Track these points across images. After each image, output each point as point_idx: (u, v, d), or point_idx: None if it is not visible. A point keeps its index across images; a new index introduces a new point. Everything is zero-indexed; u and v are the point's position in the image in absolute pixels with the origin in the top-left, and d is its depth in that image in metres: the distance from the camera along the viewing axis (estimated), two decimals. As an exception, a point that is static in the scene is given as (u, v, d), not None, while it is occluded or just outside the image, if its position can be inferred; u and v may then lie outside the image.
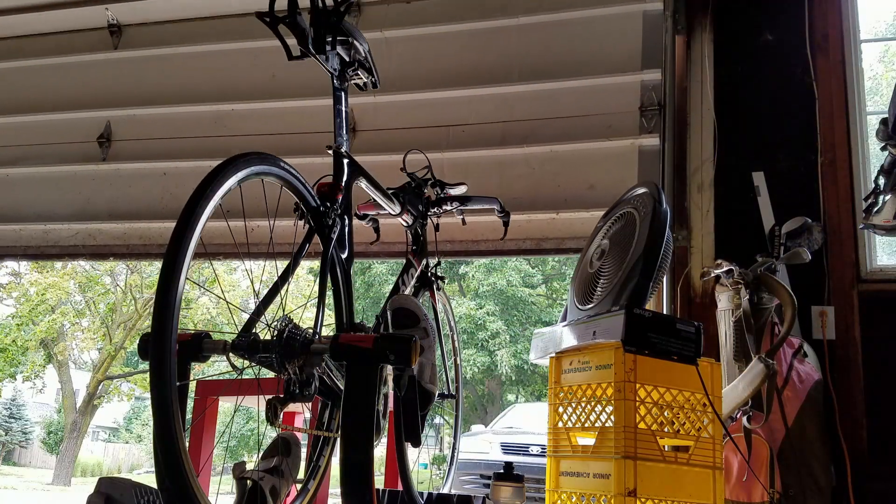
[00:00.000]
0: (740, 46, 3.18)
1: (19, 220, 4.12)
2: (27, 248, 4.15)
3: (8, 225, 4.14)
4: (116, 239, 3.99)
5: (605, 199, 3.24)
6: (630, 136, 3.28)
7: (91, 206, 4.03)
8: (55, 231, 4.09)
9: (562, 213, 3.36)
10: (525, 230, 3.41)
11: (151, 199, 3.93)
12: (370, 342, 1.34)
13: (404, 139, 3.60)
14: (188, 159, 3.88)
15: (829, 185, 2.92)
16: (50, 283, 14.01)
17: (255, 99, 3.84)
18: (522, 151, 3.45)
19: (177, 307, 1.10)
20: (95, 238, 4.04)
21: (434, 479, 3.08)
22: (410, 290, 2.19)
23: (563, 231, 3.38)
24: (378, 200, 2.04)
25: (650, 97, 3.28)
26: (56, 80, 4.25)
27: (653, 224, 2.09)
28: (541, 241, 3.41)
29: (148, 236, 3.94)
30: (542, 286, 16.54)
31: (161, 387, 1.06)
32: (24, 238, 4.15)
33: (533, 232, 3.42)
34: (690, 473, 1.94)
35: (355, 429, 1.35)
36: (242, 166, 1.29)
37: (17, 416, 22.78)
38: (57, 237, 4.09)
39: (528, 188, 3.42)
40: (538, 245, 3.42)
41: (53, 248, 4.10)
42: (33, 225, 4.10)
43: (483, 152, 3.50)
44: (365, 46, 1.77)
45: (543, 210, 3.37)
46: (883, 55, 8.45)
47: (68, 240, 4.07)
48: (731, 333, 2.54)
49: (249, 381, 1.68)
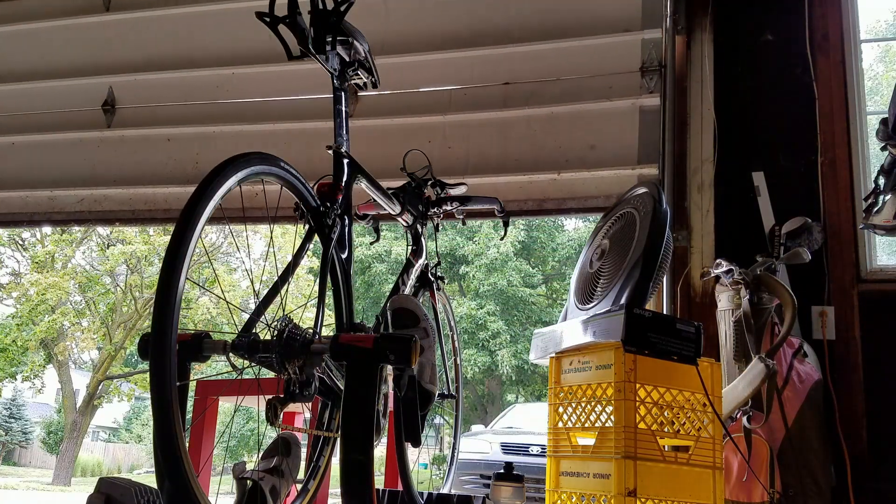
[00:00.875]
0: (740, 46, 3.18)
1: (25, 187, 4.15)
2: (34, 215, 4.19)
3: (14, 192, 4.17)
4: (122, 204, 4.02)
5: (606, 159, 3.34)
6: (631, 96, 3.30)
7: (96, 173, 4.06)
8: (61, 197, 4.13)
9: (563, 174, 3.38)
10: (527, 191, 3.45)
11: (156, 165, 3.97)
12: (370, 342, 1.34)
13: (406, 102, 3.62)
14: (192, 125, 3.92)
15: (829, 185, 2.92)
16: (50, 283, 14.00)
17: (257, 63, 3.85)
18: (524, 113, 3.47)
19: (177, 307, 1.10)
20: (101, 204, 4.08)
21: (434, 479, 3.08)
22: (410, 290, 2.19)
23: (565, 191, 3.41)
24: (378, 200, 2.04)
25: (650, 57, 3.29)
26: (58, 45, 4.25)
27: (653, 224, 2.09)
28: (542, 202, 3.44)
29: (153, 201, 3.97)
30: (542, 286, 16.54)
31: (161, 387, 1.06)
32: (31, 205, 4.18)
33: (534, 193, 3.45)
34: (690, 473, 1.94)
35: (355, 429, 1.35)
36: (242, 166, 1.29)
37: (17, 416, 22.78)
38: (63, 203, 4.13)
39: (529, 149, 3.45)
40: (540, 206, 3.45)
41: (59, 214, 4.14)
42: (39, 192, 4.13)
43: (485, 115, 3.52)
44: (365, 46, 1.77)
45: (545, 171, 3.39)
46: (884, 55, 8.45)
47: (74, 206, 4.11)
48: (731, 333, 2.54)
49: (249, 381, 1.68)
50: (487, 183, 3.44)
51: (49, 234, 15.96)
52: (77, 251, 15.91)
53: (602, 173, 3.32)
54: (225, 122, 3.88)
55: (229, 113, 3.90)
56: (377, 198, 2.00)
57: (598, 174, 3.33)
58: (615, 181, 3.30)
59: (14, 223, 4.33)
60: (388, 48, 3.61)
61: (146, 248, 14.10)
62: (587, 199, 3.38)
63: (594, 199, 3.37)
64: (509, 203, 3.37)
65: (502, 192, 3.33)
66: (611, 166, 3.30)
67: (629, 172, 3.26)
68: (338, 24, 1.60)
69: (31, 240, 16.28)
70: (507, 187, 3.47)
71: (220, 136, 3.90)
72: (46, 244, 15.55)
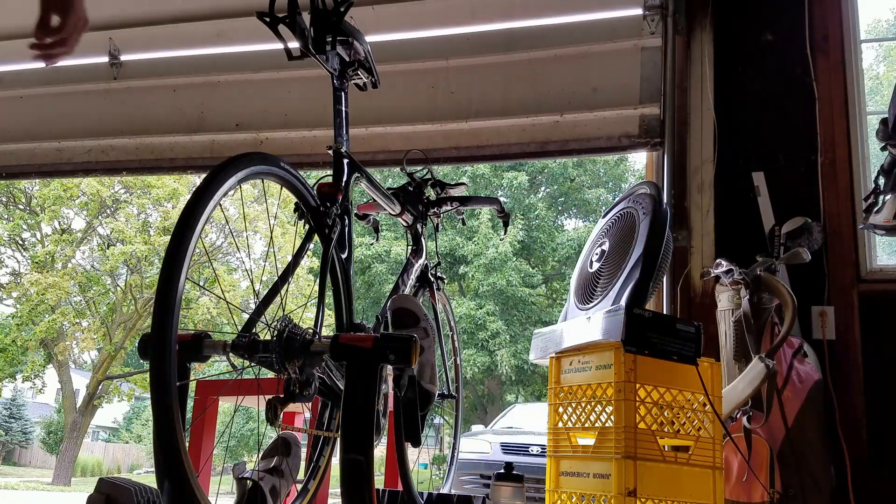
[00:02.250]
0: (740, 46, 3.18)
1: (33, 139, 4.17)
2: (42, 167, 4.23)
3: (22, 144, 4.20)
4: (129, 154, 4.07)
5: (608, 100, 3.36)
6: (633, 37, 3.32)
7: (103, 124, 4.10)
8: (69, 148, 4.16)
9: (566, 116, 3.40)
10: (530, 133, 3.47)
11: (161, 115, 4.00)
12: (370, 342, 1.34)
13: (407, 49, 3.64)
14: (196, 75, 3.97)
15: (829, 185, 2.92)
16: (50, 283, 14.01)
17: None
18: (527, 56, 3.48)
19: (177, 307, 1.10)
20: (108, 154, 4.13)
21: (434, 479, 3.08)
22: (410, 290, 2.19)
23: (567, 133, 3.44)
24: (378, 200, 2.04)
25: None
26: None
27: (653, 224, 2.09)
28: (545, 144, 3.46)
29: (159, 150, 4.02)
30: (542, 286, 16.54)
31: (161, 387, 1.06)
32: (38, 156, 4.22)
33: (537, 135, 3.47)
34: (690, 473, 1.94)
35: (355, 429, 1.35)
36: (243, 166, 1.29)
37: (17, 416, 22.79)
38: (71, 154, 4.17)
39: (532, 92, 3.47)
40: (542, 147, 3.48)
41: (67, 164, 4.18)
42: (47, 143, 4.16)
43: (488, 59, 3.54)
44: (365, 46, 1.77)
45: (547, 113, 3.42)
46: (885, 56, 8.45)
47: (82, 157, 4.15)
48: (731, 333, 2.54)
49: (249, 381, 1.68)
50: (490, 126, 3.47)
51: (49, 234, 15.97)
52: (77, 251, 15.91)
53: (604, 114, 3.35)
54: (228, 71, 3.93)
55: (232, 62, 3.94)
56: (377, 198, 2.00)
57: (600, 115, 3.36)
58: (617, 121, 3.33)
59: (23, 174, 4.36)
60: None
61: (146, 248, 14.10)
62: (589, 141, 3.41)
63: (596, 140, 3.41)
64: (511, 146, 3.43)
65: (505, 135, 3.36)
66: (613, 107, 3.32)
67: (631, 112, 3.29)
68: (338, 24, 1.60)
69: (32, 240, 16.29)
70: (509, 130, 3.50)
71: (225, 84, 3.95)
72: (46, 244, 15.55)
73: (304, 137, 3.83)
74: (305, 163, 3.80)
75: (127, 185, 15.02)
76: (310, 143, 3.79)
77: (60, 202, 15.04)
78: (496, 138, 3.49)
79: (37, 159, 4.22)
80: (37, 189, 15.50)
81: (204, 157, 3.96)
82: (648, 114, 3.26)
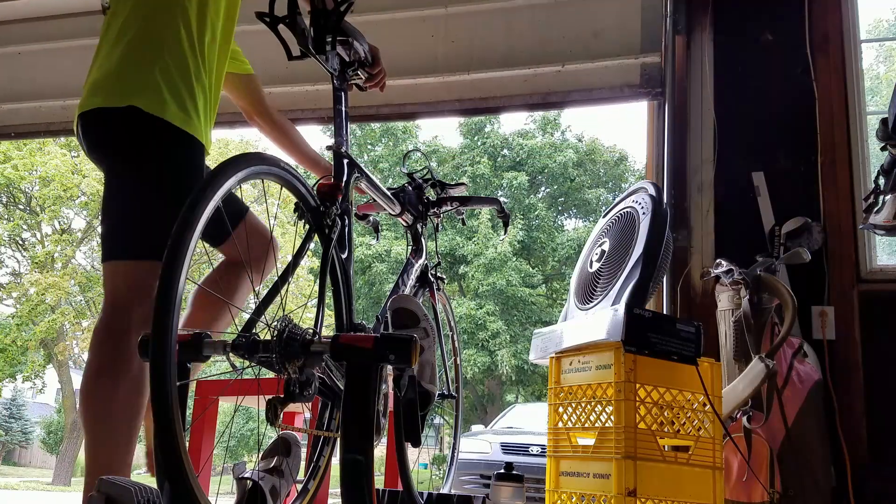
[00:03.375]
0: (740, 46, 3.18)
1: (38, 98, 4.15)
2: (50, 125, 4.20)
3: (26, 103, 4.17)
4: None
5: (610, 49, 3.37)
6: None
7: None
8: (74, 107, 4.12)
9: (567, 66, 3.41)
10: (531, 84, 3.48)
11: None
12: (370, 342, 1.34)
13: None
14: None
15: (829, 185, 2.92)
16: (50, 283, 14.01)
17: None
18: (528, 3, 3.49)
19: (177, 307, 1.10)
20: None
21: (434, 479, 3.08)
22: (410, 290, 2.19)
23: (569, 83, 3.44)
24: (378, 201, 2.03)
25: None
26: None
27: (653, 224, 2.09)
28: (547, 95, 3.47)
29: None
30: (542, 286, 16.55)
31: (161, 387, 1.06)
32: (44, 115, 4.19)
33: (539, 86, 3.48)
34: (690, 473, 1.94)
35: (355, 429, 1.35)
36: (243, 166, 1.28)
37: (17, 416, 22.80)
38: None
39: (533, 41, 3.46)
40: (545, 99, 3.49)
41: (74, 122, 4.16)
42: (51, 101, 4.12)
43: (487, 5, 3.53)
44: (365, 46, 1.77)
45: (549, 63, 3.42)
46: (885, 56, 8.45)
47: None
48: (731, 333, 2.54)
49: (249, 381, 1.68)
50: (493, 78, 3.46)
51: (49, 234, 15.97)
52: (77, 251, 15.92)
53: (606, 63, 3.36)
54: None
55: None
56: (377, 198, 2.00)
57: (601, 64, 3.37)
58: (619, 71, 3.35)
59: (32, 134, 4.34)
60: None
61: (146, 248, 14.07)
62: (592, 91, 3.42)
63: (598, 91, 3.41)
64: (514, 98, 3.43)
65: (507, 86, 3.36)
66: (614, 56, 3.33)
67: (632, 62, 3.31)
68: (337, 24, 1.60)
69: (32, 240, 16.29)
70: (511, 82, 3.50)
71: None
72: (46, 244, 15.55)
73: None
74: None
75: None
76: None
77: (60, 202, 15.05)
78: (499, 90, 3.49)
79: (42, 118, 4.18)
80: (37, 189, 15.50)
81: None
82: (650, 62, 3.28)
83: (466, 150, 17.85)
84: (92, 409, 1.56)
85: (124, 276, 1.62)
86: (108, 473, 1.41)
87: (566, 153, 17.52)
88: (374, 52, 1.79)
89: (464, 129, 18.14)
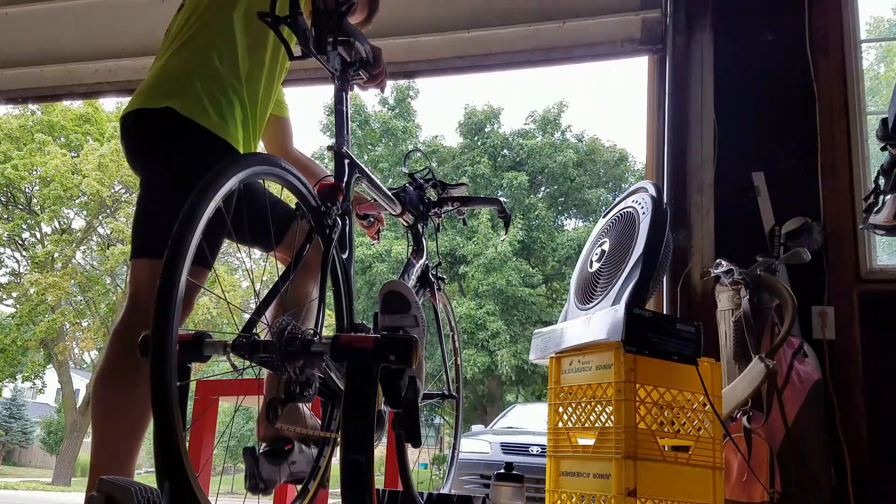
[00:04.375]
0: (740, 46, 3.18)
1: (40, 63, 4.18)
2: (56, 89, 4.24)
3: (27, 68, 4.20)
4: (138, 74, 4.04)
5: (610, 4, 3.38)
6: None
7: (109, 43, 4.08)
8: (77, 70, 4.17)
9: (568, 22, 3.43)
10: (533, 41, 3.51)
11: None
12: (370, 343, 1.34)
13: None
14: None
15: (829, 185, 2.92)
16: (50, 283, 14.01)
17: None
18: None
19: (177, 307, 1.10)
20: (117, 75, 4.13)
21: (434, 479, 3.07)
22: (410, 290, 2.18)
23: (571, 39, 3.48)
24: (379, 201, 2.03)
25: None
26: None
27: (653, 224, 2.09)
28: (549, 52, 3.51)
29: None
30: (542, 286, 16.54)
31: (161, 387, 1.06)
32: (49, 79, 4.23)
33: (541, 42, 3.51)
34: (690, 473, 1.94)
35: (355, 429, 1.35)
36: (243, 167, 1.29)
37: (17, 416, 22.80)
38: (81, 75, 4.18)
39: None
40: (547, 56, 3.52)
41: (80, 86, 4.20)
42: (54, 66, 4.16)
43: None
44: (366, 47, 1.77)
45: (550, 20, 3.45)
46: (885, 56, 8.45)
47: (92, 77, 4.15)
48: (731, 333, 2.54)
49: (249, 381, 1.68)
50: (494, 35, 3.48)
51: (49, 234, 15.97)
52: (77, 251, 15.92)
53: (607, 19, 3.39)
54: None
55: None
56: (378, 198, 2.00)
57: (602, 20, 3.40)
58: (619, 26, 3.38)
59: (38, 98, 4.37)
60: None
61: (146, 248, 14.07)
62: (592, 47, 3.46)
63: (599, 46, 3.45)
64: (516, 55, 3.46)
65: (509, 42, 3.38)
66: (615, 12, 3.36)
67: (633, 17, 3.34)
68: (338, 24, 1.60)
69: (31, 240, 16.29)
70: (514, 38, 3.52)
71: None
72: (46, 244, 15.56)
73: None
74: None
75: (128, 184, 15.02)
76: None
77: (60, 202, 15.05)
78: (500, 46, 3.51)
79: (47, 82, 4.21)
80: (37, 189, 15.51)
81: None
82: (650, 17, 3.30)
83: (466, 149, 17.85)
84: (103, 408, 1.56)
85: (149, 274, 1.63)
86: (111, 473, 1.41)
87: (566, 153, 17.52)
88: (377, 52, 1.79)
89: (464, 129, 18.15)
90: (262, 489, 1.44)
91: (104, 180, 14.43)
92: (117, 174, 14.61)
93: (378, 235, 2.36)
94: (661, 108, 3.27)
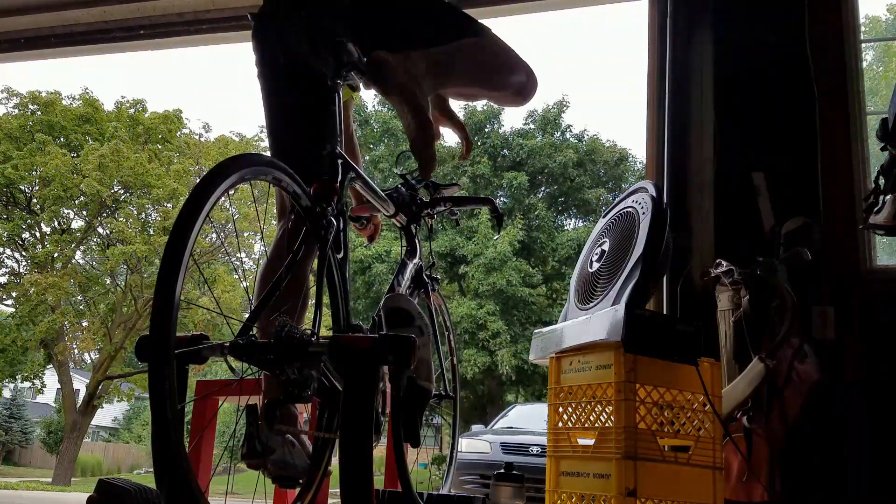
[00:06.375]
0: (740, 46, 3.18)
1: (29, 11, 4.21)
2: (53, 30, 4.25)
3: (19, 17, 4.24)
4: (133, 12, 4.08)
5: None
6: None
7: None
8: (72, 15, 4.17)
9: None
10: None
11: None
12: (368, 343, 1.34)
13: None
14: None
15: (829, 185, 2.92)
16: (50, 283, 14.01)
17: None
18: None
19: (177, 307, 1.10)
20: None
21: (434, 479, 3.07)
22: (405, 291, 2.18)
23: None
24: (372, 202, 2.03)
25: None
26: None
27: (653, 224, 2.09)
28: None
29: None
30: (542, 286, 16.54)
31: (160, 388, 1.06)
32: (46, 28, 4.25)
33: None
34: (690, 473, 1.94)
35: (355, 429, 1.35)
36: (239, 168, 1.28)
37: (17, 416, 22.79)
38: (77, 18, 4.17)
39: None
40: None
41: (79, 25, 4.20)
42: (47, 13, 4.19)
43: None
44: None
45: None
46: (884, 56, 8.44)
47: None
48: (731, 333, 2.54)
49: (249, 381, 1.68)
50: None
51: (49, 234, 15.97)
52: (77, 251, 15.92)
53: None
54: None
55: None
56: (371, 199, 1.99)
57: None
58: None
59: (40, 40, 4.37)
60: None
61: (146, 248, 14.10)
62: None
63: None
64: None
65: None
66: None
67: None
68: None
69: (31, 240, 16.29)
70: None
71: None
72: (46, 244, 15.56)
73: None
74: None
75: (127, 184, 15.02)
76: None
77: (60, 202, 15.05)
78: None
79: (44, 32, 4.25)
80: (37, 189, 15.51)
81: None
82: None
83: (466, 149, 17.81)
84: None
85: None
86: None
87: (566, 153, 17.51)
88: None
89: (464, 129, 18.11)
90: (259, 453, 1.41)
91: (104, 180, 14.42)
92: (117, 174, 14.60)
93: (373, 238, 2.35)
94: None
